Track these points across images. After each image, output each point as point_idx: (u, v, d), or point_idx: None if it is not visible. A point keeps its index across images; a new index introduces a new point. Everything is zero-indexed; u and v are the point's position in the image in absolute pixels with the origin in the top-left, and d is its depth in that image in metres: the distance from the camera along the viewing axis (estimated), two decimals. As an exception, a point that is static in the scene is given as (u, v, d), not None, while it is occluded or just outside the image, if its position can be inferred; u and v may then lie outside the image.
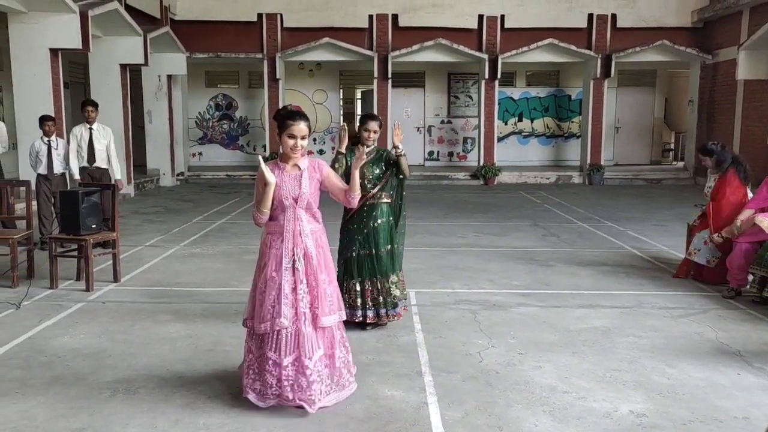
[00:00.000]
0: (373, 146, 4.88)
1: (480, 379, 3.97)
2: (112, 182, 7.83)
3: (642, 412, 3.55)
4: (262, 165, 3.46)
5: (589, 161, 16.56)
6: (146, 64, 13.24)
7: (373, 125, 4.79)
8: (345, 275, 4.85)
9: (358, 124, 4.90)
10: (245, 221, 10.05)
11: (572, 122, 18.57)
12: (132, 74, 13.84)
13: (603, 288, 6.20)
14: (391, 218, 4.91)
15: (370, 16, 16.42)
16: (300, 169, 3.54)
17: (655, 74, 18.58)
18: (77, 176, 7.86)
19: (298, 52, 16.17)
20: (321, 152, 18.29)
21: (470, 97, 18.30)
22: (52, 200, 7.73)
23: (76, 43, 10.41)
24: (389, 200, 4.91)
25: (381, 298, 4.82)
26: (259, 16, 16.35)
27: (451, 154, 18.57)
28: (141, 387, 3.83)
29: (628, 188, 15.46)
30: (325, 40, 15.83)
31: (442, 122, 18.42)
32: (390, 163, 4.89)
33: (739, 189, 6.18)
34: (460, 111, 18.45)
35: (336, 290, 3.63)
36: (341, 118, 18.65)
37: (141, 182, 14.31)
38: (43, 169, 7.79)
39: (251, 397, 3.50)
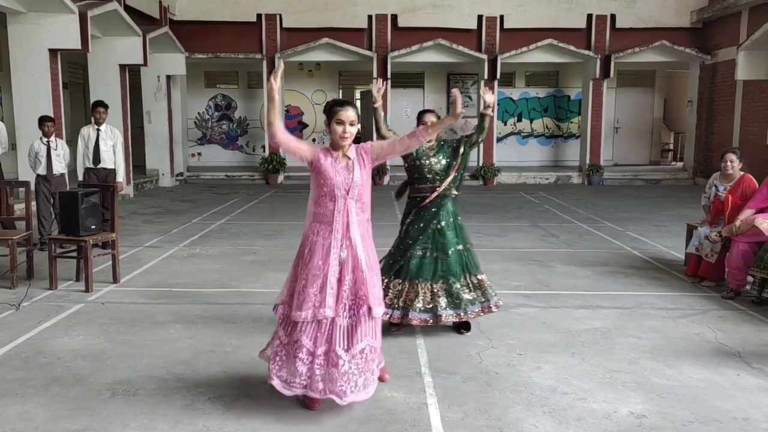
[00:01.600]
0: (435, 140, 4.73)
1: (480, 380, 3.97)
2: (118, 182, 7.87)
3: (642, 413, 3.56)
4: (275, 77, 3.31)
5: (588, 161, 16.57)
6: (145, 64, 13.24)
7: (430, 117, 4.63)
8: (390, 273, 4.64)
9: (417, 119, 4.75)
10: (245, 222, 10.05)
11: (571, 122, 18.59)
12: (131, 74, 13.84)
13: (602, 289, 6.20)
14: (459, 216, 4.77)
15: (370, 17, 16.43)
16: (350, 158, 3.49)
17: (655, 75, 18.60)
18: (81, 178, 7.86)
19: (297, 53, 16.17)
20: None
21: (469, 98, 18.30)
22: (52, 201, 7.72)
23: (75, 43, 10.41)
24: (455, 195, 4.74)
25: (435, 300, 4.60)
26: (259, 16, 16.35)
27: (450, 155, 18.56)
28: (140, 388, 3.83)
29: (628, 188, 15.47)
30: (325, 40, 15.83)
31: (442, 122, 18.40)
32: (457, 151, 4.72)
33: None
34: (459, 111, 18.42)
35: (379, 284, 3.60)
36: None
37: (140, 183, 14.30)
38: (42, 170, 7.79)
39: (276, 383, 3.45)
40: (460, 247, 4.73)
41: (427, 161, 4.70)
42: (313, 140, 18.30)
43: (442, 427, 3.38)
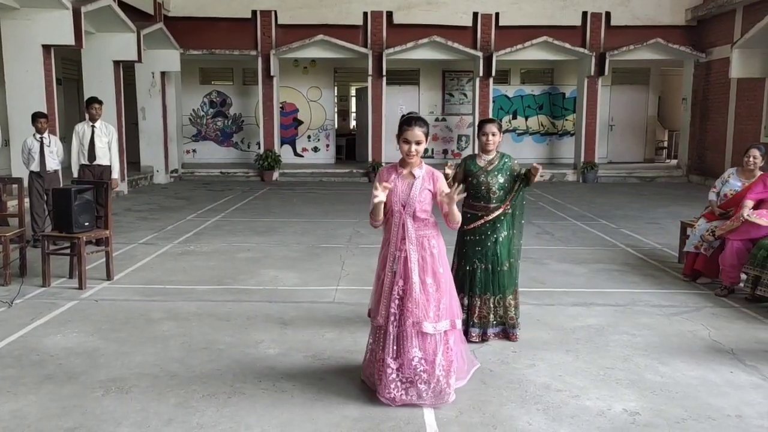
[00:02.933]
0: (494, 153, 4.56)
1: (474, 378, 3.97)
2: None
3: (635, 410, 3.56)
4: (378, 189, 3.43)
5: (583, 159, 16.60)
6: (140, 60, 13.19)
7: (491, 127, 4.48)
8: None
9: (476, 129, 4.61)
10: (239, 219, 10.03)
11: (566, 120, 18.60)
12: (125, 71, 13.77)
13: (597, 286, 6.21)
14: (513, 230, 4.65)
15: (365, 14, 16.38)
16: (415, 177, 3.58)
17: (649, 72, 18.63)
18: (75, 175, 7.82)
19: (292, 49, 16.12)
20: (316, 149, 18.27)
21: (465, 95, 18.30)
22: (45, 197, 7.69)
23: (68, 39, 10.35)
24: (510, 211, 4.61)
25: (491, 316, 4.57)
26: (254, 12, 16.28)
27: (445, 152, 18.58)
28: (134, 386, 3.81)
29: (622, 186, 15.50)
30: (320, 37, 15.79)
31: (437, 120, 18.42)
32: (517, 174, 4.57)
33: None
34: (454, 108, 18.45)
35: (449, 298, 3.60)
36: (335, 115, 18.63)
37: (135, 179, 14.25)
38: (35, 167, 7.75)
39: (365, 379, 3.82)
40: (510, 261, 4.62)
41: (485, 179, 4.51)
42: (308, 137, 18.30)
43: (437, 424, 3.38)
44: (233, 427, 3.32)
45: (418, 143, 3.52)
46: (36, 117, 7.81)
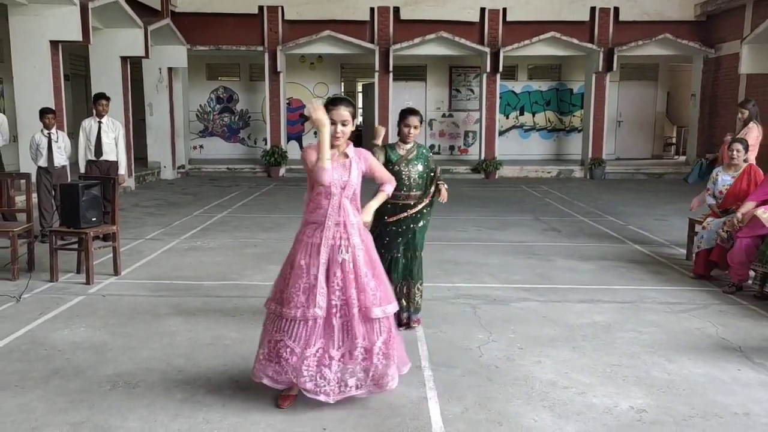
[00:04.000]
0: (413, 144, 4.72)
1: (480, 374, 3.97)
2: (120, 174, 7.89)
3: (642, 407, 3.55)
4: (312, 107, 3.28)
5: (590, 155, 16.53)
6: (147, 56, 13.22)
7: (414, 120, 4.62)
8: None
9: (397, 119, 4.72)
10: (246, 215, 10.04)
11: (574, 116, 18.53)
12: (133, 66, 13.81)
13: (603, 283, 6.19)
14: (429, 219, 4.77)
15: (372, 9, 16.36)
16: (348, 156, 3.47)
17: (658, 68, 18.52)
18: (82, 171, 7.85)
19: (299, 45, 16.12)
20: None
21: (472, 91, 18.25)
22: (53, 193, 7.72)
23: (76, 35, 10.39)
24: (429, 200, 4.72)
25: (405, 302, 4.70)
26: (260, 8, 16.28)
27: (452, 148, 18.55)
28: (141, 381, 3.83)
29: (630, 182, 15.43)
30: (327, 32, 15.78)
31: (444, 116, 18.39)
32: (431, 168, 4.74)
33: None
34: (461, 104, 18.41)
35: (381, 285, 3.50)
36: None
37: (142, 175, 14.30)
38: (43, 162, 7.78)
39: (266, 381, 3.42)
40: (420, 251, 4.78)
41: (406, 168, 4.64)
42: (314, 133, 18.27)
43: (442, 421, 3.38)
44: (239, 422, 3.33)
45: (344, 124, 3.41)
46: (44, 113, 7.84)
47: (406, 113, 4.67)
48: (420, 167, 4.68)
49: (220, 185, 14.10)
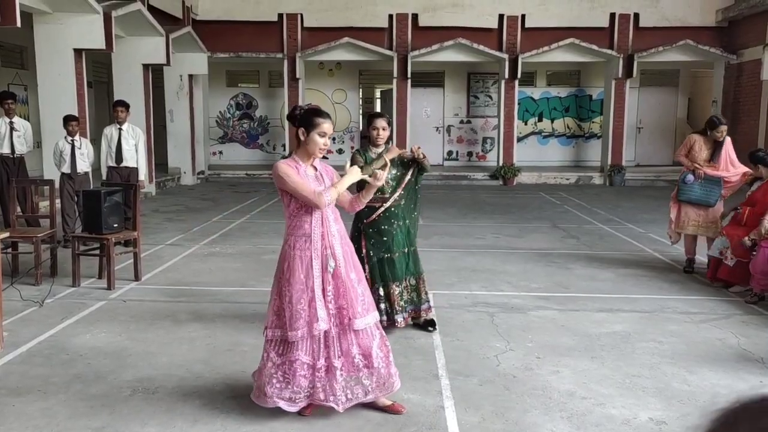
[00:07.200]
0: (384, 147, 4.77)
1: (497, 383, 3.96)
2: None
3: (661, 419, 3.51)
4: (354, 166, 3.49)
5: (610, 162, 16.41)
6: (168, 63, 13.37)
7: (381, 122, 4.71)
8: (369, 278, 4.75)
9: (366, 124, 4.84)
10: (265, 220, 10.10)
11: (593, 122, 18.40)
12: (154, 74, 13.98)
13: (623, 292, 6.14)
14: (407, 220, 4.86)
15: (390, 16, 16.42)
16: (316, 169, 3.49)
17: (678, 74, 18.34)
18: (104, 177, 7.97)
19: (318, 52, 16.22)
20: (340, 151, 18.32)
21: (490, 97, 18.21)
22: (76, 199, 7.84)
23: (99, 43, 10.55)
24: (404, 201, 4.83)
25: (402, 301, 4.76)
26: (280, 16, 16.43)
27: (470, 154, 18.51)
28: (160, 386, 3.87)
29: (650, 189, 15.28)
30: (345, 39, 15.86)
31: (462, 122, 18.37)
32: (407, 163, 4.81)
33: None
34: (479, 111, 18.37)
35: (366, 290, 3.55)
36: (360, 117, 18.67)
37: (162, 181, 14.45)
38: (66, 168, 7.91)
39: (282, 405, 3.39)
40: (406, 249, 4.84)
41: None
42: (333, 140, 18.34)
43: (459, 430, 3.37)
44: (257, 429, 3.35)
45: (330, 137, 3.45)
46: (67, 120, 7.97)
47: (373, 117, 4.78)
48: (393, 170, 4.71)
49: (239, 191, 14.20)
